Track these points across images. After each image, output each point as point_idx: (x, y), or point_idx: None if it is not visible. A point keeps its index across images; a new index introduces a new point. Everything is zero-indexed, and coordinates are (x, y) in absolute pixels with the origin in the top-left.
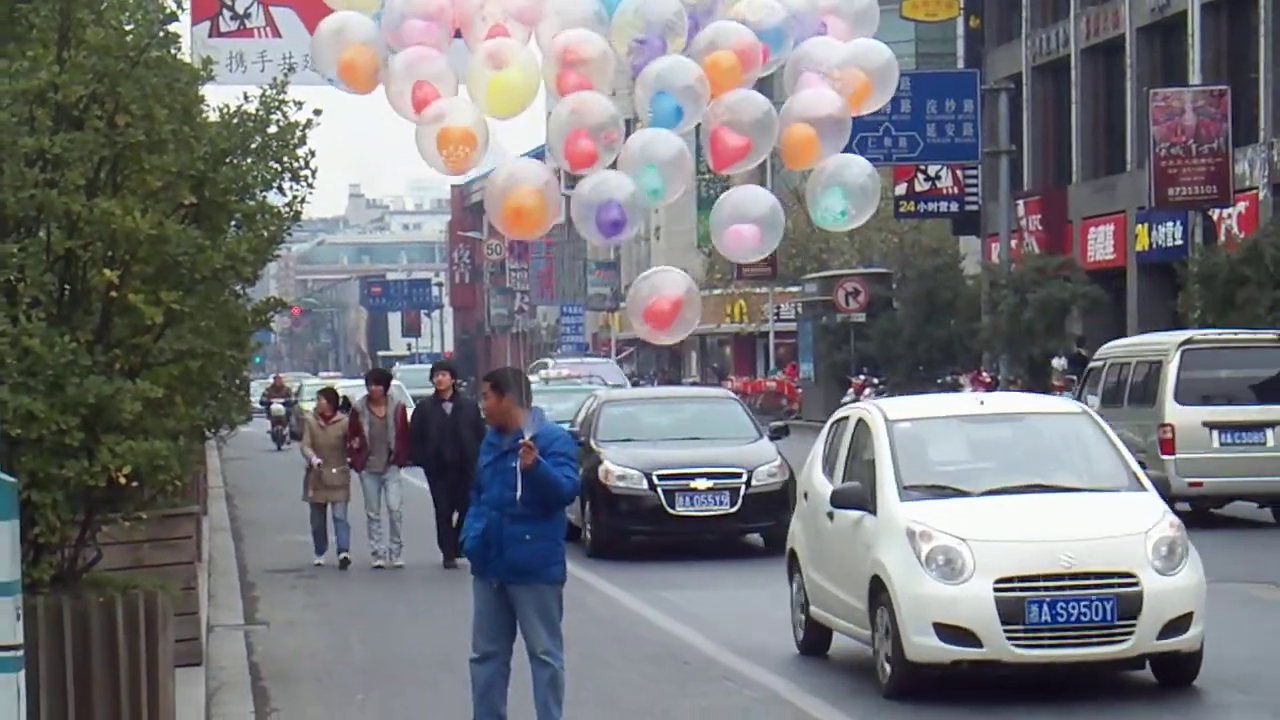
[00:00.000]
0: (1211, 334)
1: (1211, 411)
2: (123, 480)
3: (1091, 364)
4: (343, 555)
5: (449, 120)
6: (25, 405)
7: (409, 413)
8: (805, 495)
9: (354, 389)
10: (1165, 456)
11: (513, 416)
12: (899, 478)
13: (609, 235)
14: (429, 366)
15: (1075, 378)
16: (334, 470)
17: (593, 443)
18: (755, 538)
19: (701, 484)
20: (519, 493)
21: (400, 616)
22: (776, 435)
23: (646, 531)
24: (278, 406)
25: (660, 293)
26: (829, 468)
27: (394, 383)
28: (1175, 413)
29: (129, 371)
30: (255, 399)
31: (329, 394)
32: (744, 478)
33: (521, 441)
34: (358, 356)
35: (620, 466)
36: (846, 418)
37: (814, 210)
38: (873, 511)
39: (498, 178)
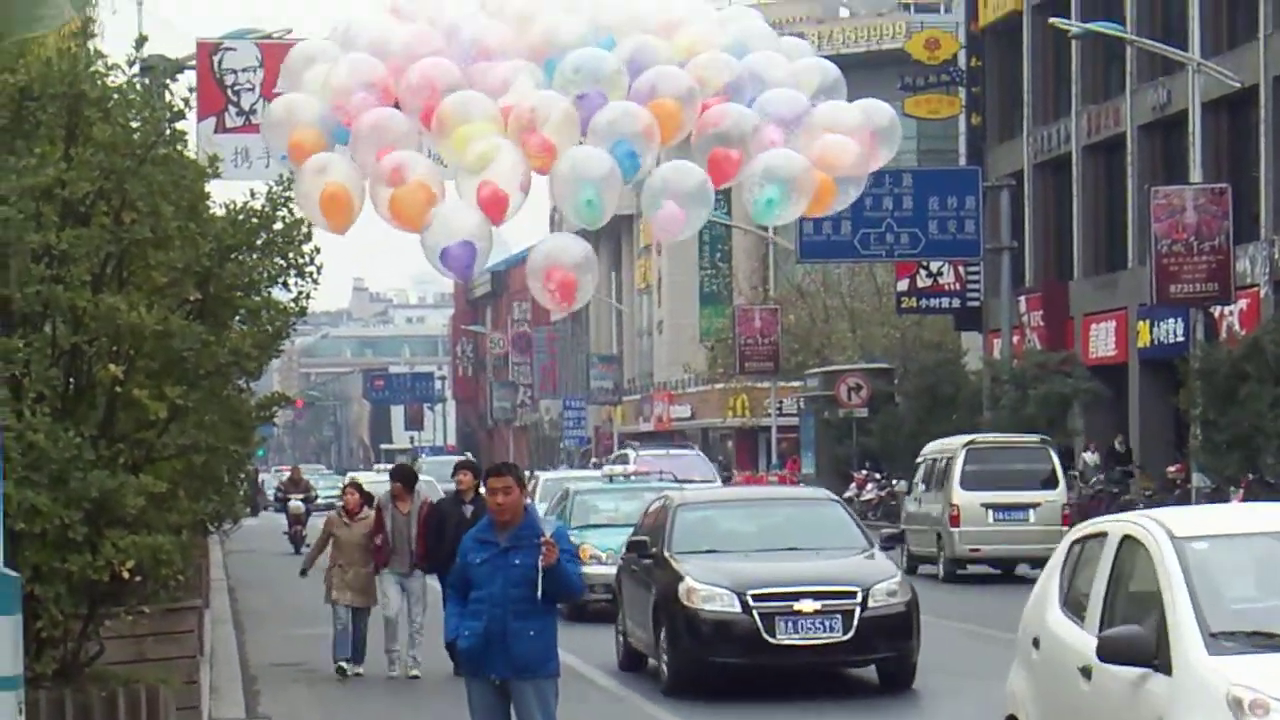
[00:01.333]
0: (989, 437)
1: (988, 495)
2: (126, 574)
3: (918, 459)
4: (340, 665)
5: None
6: (29, 499)
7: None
8: (1037, 642)
9: (378, 483)
10: (952, 529)
11: (521, 511)
12: (1203, 620)
13: (459, 273)
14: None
15: (1103, 476)
16: (360, 571)
17: (668, 554)
18: (870, 672)
19: (807, 606)
20: (539, 590)
21: (404, 714)
22: (889, 545)
23: (739, 664)
24: (296, 503)
25: (558, 262)
26: (1072, 603)
27: (423, 478)
28: (960, 495)
29: (133, 466)
30: (269, 492)
31: (358, 487)
32: (859, 598)
33: (544, 540)
34: (360, 449)
35: (706, 585)
36: (1101, 534)
37: (751, 209)
38: (1165, 669)
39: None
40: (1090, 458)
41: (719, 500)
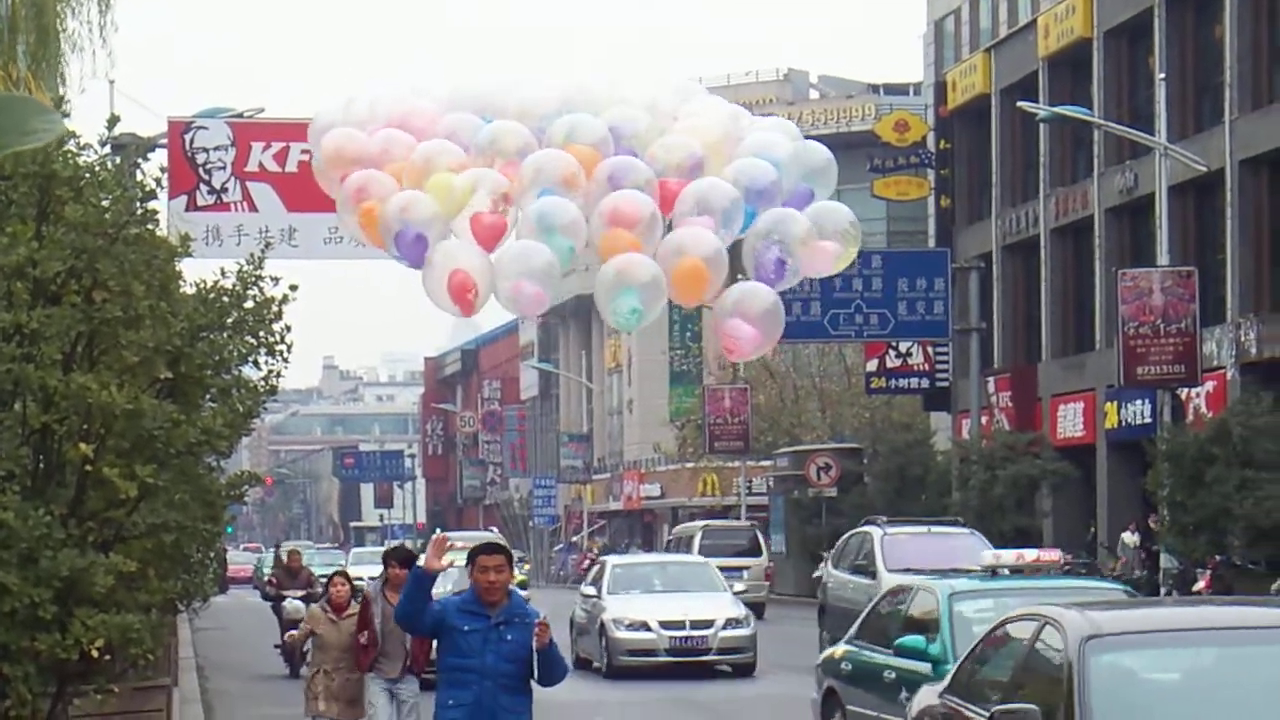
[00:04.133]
0: (718, 523)
1: (715, 561)
2: (95, 653)
3: (669, 538)
4: None
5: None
6: None
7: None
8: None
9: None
10: None
11: (508, 591)
12: None
13: (409, 258)
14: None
15: (1145, 554)
16: (349, 678)
17: None
18: None
19: None
20: (535, 670)
21: None
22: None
23: None
24: (294, 603)
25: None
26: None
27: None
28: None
29: (102, 545)
30: (262, 573)
31: (346, 577)
32: None
33: (539, 621)
34: (330, 527)
35: None
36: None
37: (610, 315)
38: None
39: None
40: (1130, 538)
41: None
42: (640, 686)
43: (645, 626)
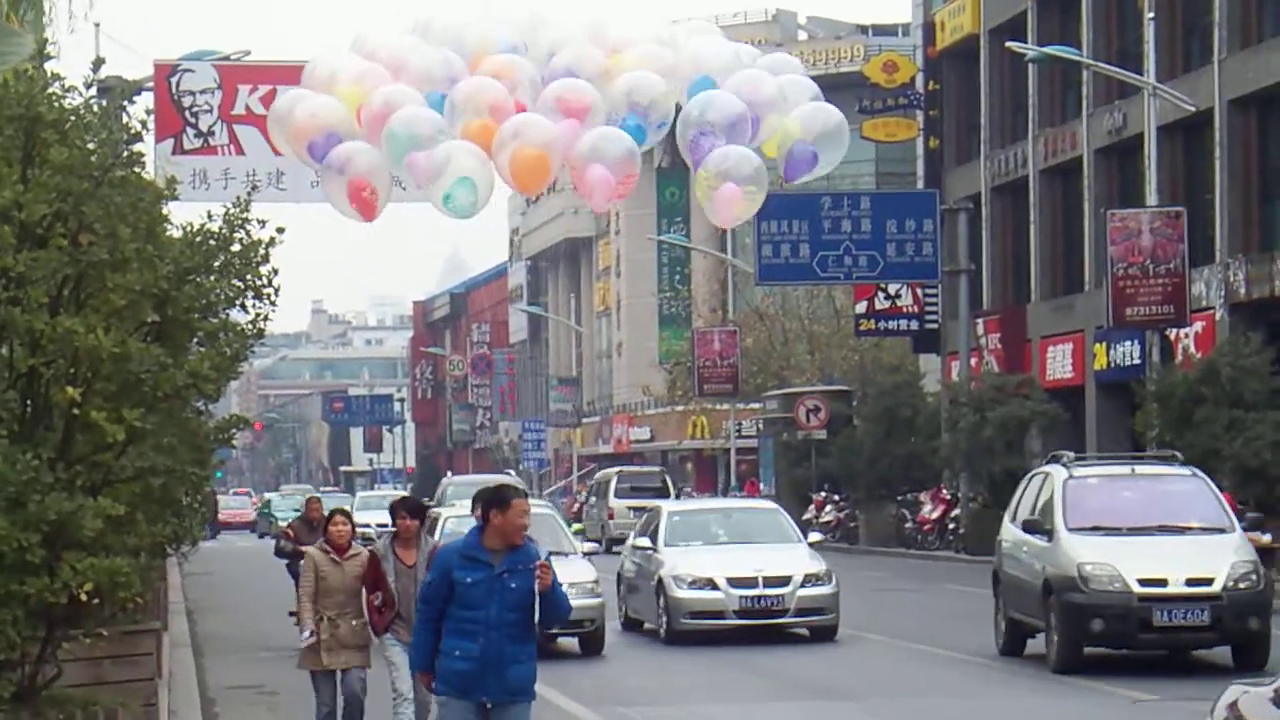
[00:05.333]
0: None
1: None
2: (84, 597)
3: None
4: None
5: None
6: None
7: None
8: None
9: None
10: (609, 520)
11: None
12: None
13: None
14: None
15: None
16: (351, 623)
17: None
18: None
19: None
20: (537, 615)
21: None
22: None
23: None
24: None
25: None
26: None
27: (439, 511)
28: (614, 502)
29: (90, 489)
30: (270, 541)
31: (347, 515)
32: None
33: (540, 564)
34: (320, 472)
35: None
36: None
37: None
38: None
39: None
40: None
41: None
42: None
43: (711, 584)
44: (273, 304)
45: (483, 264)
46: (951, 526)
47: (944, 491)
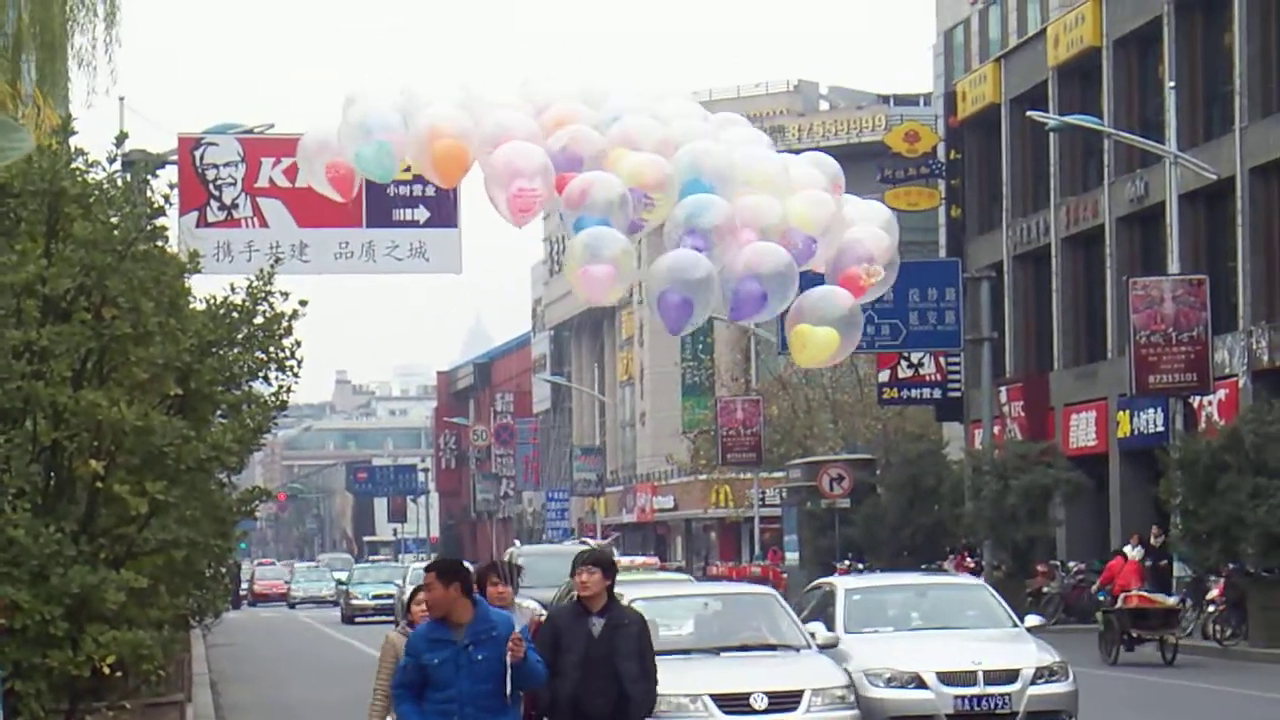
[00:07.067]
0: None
1: None
2: (107, 670)
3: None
4: None
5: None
6: (9, 595)
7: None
8: None
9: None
10: None
11: (460, 607)
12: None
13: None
14: (568, 548)
15: (1150, 567)
16: None
17: None
18: None
19: None
20: (509, 686)
21: None
22: None
23: None
24: None
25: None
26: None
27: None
28: None
29: (113, 561)
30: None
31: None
32: None
33: (515, 635)
34: (344, 542)
35: None
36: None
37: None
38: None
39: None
40: (1132, 552)
41: None
42: None
43: (918, 682)
44: (295, 376)
45: (506, 334)
46: None
47: (968, 559)
